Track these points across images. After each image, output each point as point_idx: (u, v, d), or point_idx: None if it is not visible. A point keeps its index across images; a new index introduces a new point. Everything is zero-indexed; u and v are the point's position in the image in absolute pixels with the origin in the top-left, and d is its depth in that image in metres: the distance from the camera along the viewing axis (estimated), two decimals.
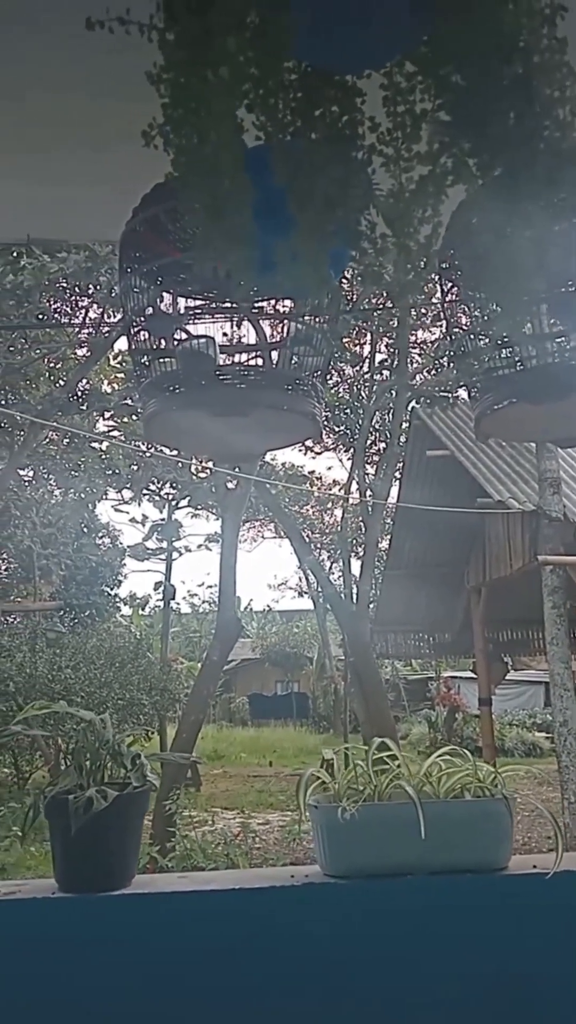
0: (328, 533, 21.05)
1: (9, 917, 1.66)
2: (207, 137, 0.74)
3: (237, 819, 9.62)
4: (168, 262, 1.67)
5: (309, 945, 1.70)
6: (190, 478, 15.20)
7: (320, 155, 0.89)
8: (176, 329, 1.73)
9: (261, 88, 0.75)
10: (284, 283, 0.90)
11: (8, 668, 9.57)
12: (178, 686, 13.14)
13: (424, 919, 1.72)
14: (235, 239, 0.78)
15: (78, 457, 14.10)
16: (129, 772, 1.77)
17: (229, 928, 1.68)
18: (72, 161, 2.17)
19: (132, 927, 1.66)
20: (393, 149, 0.91)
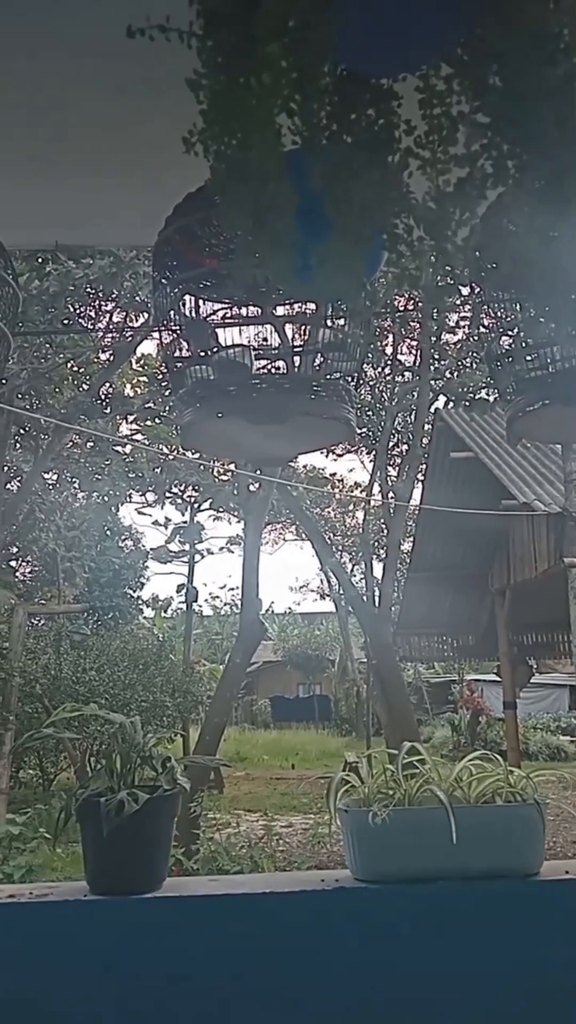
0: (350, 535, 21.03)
1: (42, 918, 1.67)
2: (249, 143, 0.74)
3: (260, 822, 9.62)
4: (202, 271, 1.68)
5: (340, 949, 1.69)
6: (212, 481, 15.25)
7: (356, 159, 0.89)
8: (211, 338, 1.74)
9: (300, 93, 0.75)
10: (322, 288, 0.90)
11: (34, 670, 9.65)
12: (201, 688, 13.18)
13: (455, 924, 1.71)
14: (276, 245, 0.78)
15: (102, 460, 14.21)
16: (159, 775, 1.78)
17: (260, 932, 1.68)
18: (99, 167, 2.19)
19: (163, 930, 1.66)
20: (430, 152, 0.91)
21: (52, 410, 11.23)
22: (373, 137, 0.89)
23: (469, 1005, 1.69)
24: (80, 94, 1.91)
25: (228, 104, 0.74)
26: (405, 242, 0.87)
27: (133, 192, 2.29)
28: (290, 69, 0.72)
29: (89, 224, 2.55)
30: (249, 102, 0.73)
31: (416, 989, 1.69)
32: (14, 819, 5.58)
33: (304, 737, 22.59)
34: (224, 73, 0.74)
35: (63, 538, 14.35)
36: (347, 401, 1.70)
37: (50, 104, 1.95)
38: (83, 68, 1.83)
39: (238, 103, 0.74)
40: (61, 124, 2.01)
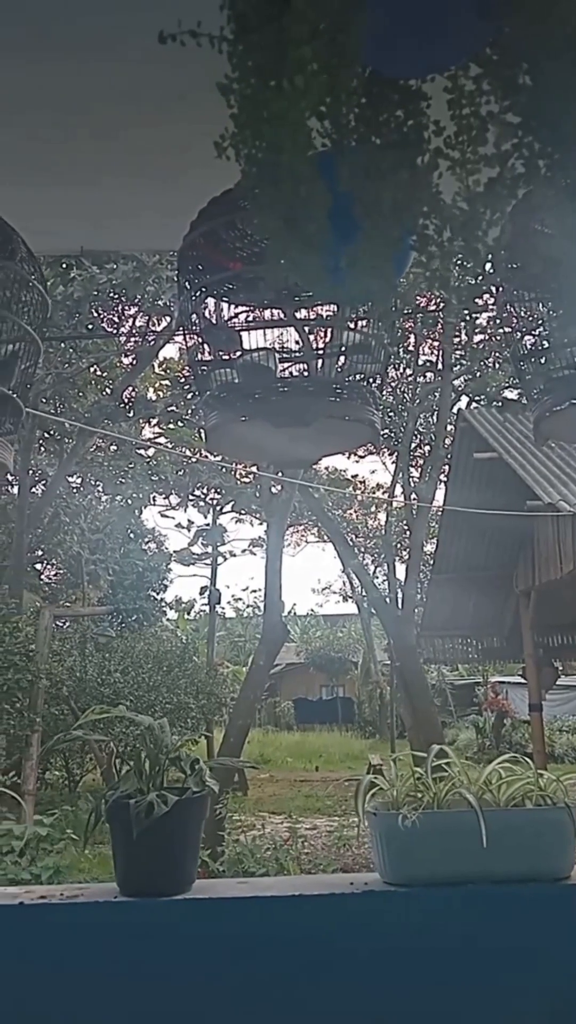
0: (372, 537, 20.98)
1: (73, 919, 1.68)
2: (281, 146, 0.74)
3: (285, 824, 9.62)
4: (226, 275, 1.69)
5: (369, 953, 1.69)
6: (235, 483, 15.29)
7: (385, 160, 0.89)
8: (235, 341, 1.75)
9: (331, 96, 0.75)
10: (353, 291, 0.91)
11: (59, 672, 9.73)
12: (224, 690, 13.20)
13: (485, 928, 1.70)
14: (309, 248, 0.78)
15: (125, 464, 14.30)
16: (187, 777, 1.78)
17: (289, 934, 1.68)
18: (125, 172, 2.20)
19: (193, 932, 1.67)
20: (459, 152, 0.91)
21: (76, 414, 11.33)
22: (402, 138, 0.89)
23: (499, 1010, 1.68)
24: (105, 101, 1.93)
25: (260, 108, 0.74)
26: (435, 243, 0.86)
27: (158, 196, 2.30)
28: (321, 72, 0.72)
29: (114, 229, 2.57)
30: (281, 105, 0.73)
31: (446, 993, 1.68)
32: (42, 820, 5.63)
33: (327, 739, 22.55)
34: (255, 77, 0.74)
35: (87, 541, 14.45)
36: (371, 403, 1.69)
37: (75, 110, 1.96)
38: (108, 75, 1.85)
39: (270, 106, 0.74)
40: (86, 130, 2.03)
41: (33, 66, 1.82)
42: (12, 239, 1.77)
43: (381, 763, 13.49)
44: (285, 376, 1.71)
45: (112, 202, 2.37)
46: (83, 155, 2.12)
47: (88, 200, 2.35)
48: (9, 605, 9.44)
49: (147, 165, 2.16)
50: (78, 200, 2.33)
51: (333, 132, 0.85)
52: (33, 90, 1.88)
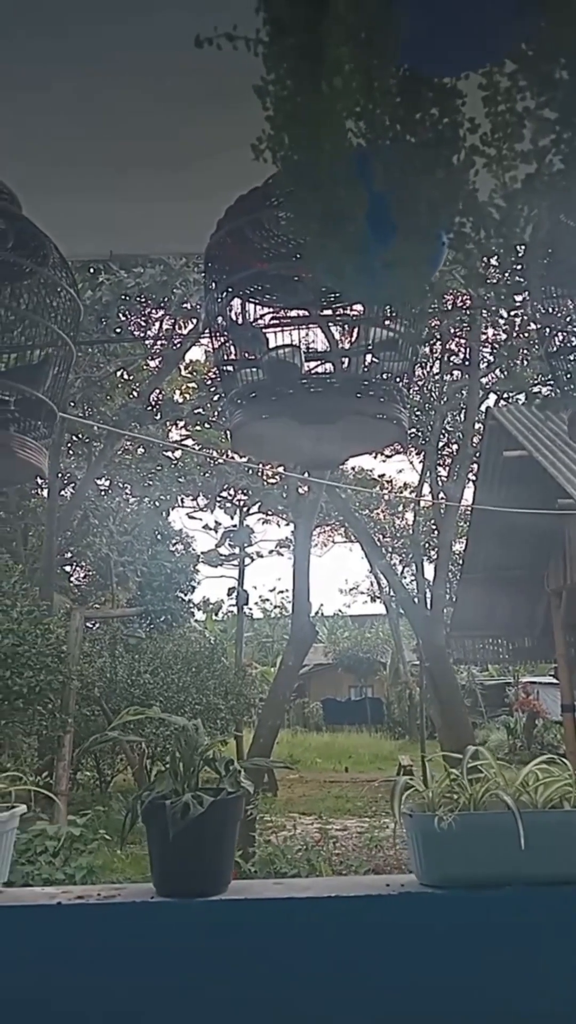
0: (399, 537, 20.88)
1: (110, 919, 1.69)
2: (320, 147, 0.74)
3: (315, 825, 9.61)
4: (252, 274, 1.69)
5: (405, 954, 1.68)
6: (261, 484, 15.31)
7: (421, 159, 0.88)
8: (261, 340, 1.75)
9: (367, 96, 0.75)
10: (389, 290, 0.90)
11: (90, 673, 9.81)
12: (253, 691, 13.22)
13: (523, 930, 1.69)
14: (348, 248, 0.78)
15: (152, 466, 14.38)
16: (222, 778, 1.79)
17: (325, 935, 1.68)
18: (152, 176, 2.22)
19: (229, 932, 1.67)
20: (495, 149, 0.90)
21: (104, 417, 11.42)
22: (438, 136, 0.88)
23: (536, 1011, 1.66)
24: (133, 107, 1.94)
25: (297, 109, 0.74)
26: (472, 240, 0.86)
27: (186, 200, 2.31)
28: (359, 72, 0.72)
29: (143, 233, 2.59)
30: (319, 106, 0.73)
31: (483, 995, 1.67)
32: (75, 820, 5.68)
33: (357, 740, 22.50)
34: (292, 79, 0.74)
35: (116, 543, 14.55)
36: (399, 401, 1.69)
37: (103, 117, 1.98)
38: (136, 82, 1.87)
39: (308, 108, 0.74)
40: (115, 136, 2.04)
41: (62, 76, 1.84)
42: (44, 245, 1.79)
43: (411, 764, 13.42)
44: (312, 373, 1.71)
45: (140, 207, 2.38)
46: (112, 161, 2.14)
47: (117, 205, 2.37)
48: (40, 607, 9.54)
49: (175, 169, 2.18)
50: (107, 205, 2.35)
51: (368, 132, 0.85)
52: (62, 99, 1.91)
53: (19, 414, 1.76)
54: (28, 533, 14.56)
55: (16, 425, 1.74)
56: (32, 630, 8.40)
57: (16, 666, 8.01)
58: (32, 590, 10.47)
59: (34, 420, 1.79)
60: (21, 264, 1.77)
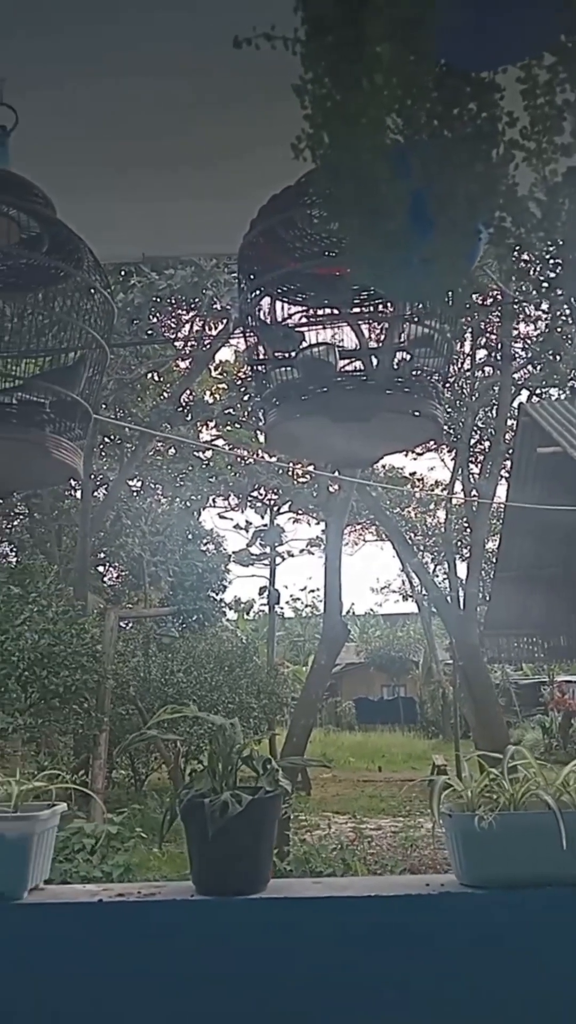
0: (431, 535, 20.75)
1: (151, 917, 1.70)
2: (361, 145, 0.74)
3: (349, 824, 9.60)
4: (286, 272, 1.69)
5: (445, 954, 1.67)
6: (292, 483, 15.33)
7: (460, 153, 0.88)
8: (294, 340, 1.75)
9: (406, 91, 0.75)
10: (428, 287, 0.90)
11: (124, 673, 9.89)
12: (285, 690, 13.23)
13: (564, 930, 1.67)
14: (390, 245, 0.77)
15: (184, 466, 14.46)
16: (260, 776, 1.79)
17: (365, 935, 1.67)
18: (184, 177, 2.23)
19: (269, 931, 1.68)
20: (535, 143, 0.89)
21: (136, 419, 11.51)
22: (476, 131, 0.88)
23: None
24: (164, 108, 1.95)
25: (337, 107, 0.74)
26: (512, 235, 0.85)
27: (217, 201, 2.32)
28: (399, 68, 0.72)
29: (175, 235, 2.60)
30: (359, 104, 0.73)
31: (524, 995, 1.65)
32: (111, 819, 5.73)
33: (390, 739, 22.43)
34: (331, 77, 0.74)
35: (148, 543, 14.66)
36: (434, 398, 1.68)
37: (135, 117, 2.00)
38: (167, 84, 1.88)
39: (348, 105, 0.74)
40: (146, 138, 2.06)
41: (93, 79, 1.86)
42: (79, 248, 1.81)
43: (445, 764, 13.33)
44: (346, 371, 1.70)
45: (173, 208, 2.40)
46: (143, 163, 2.15)
47: (149, 207, 2.38)
48: (75, 607, 9.64)
49: (207, 169, 2.19)
50: (139, 207, 2.37)
51: (406, 128, 0.84)
52: (93, 103, 1.92)
53: (54, 416, 1.78)
54: (62, 534, 14.72)
55: (51, 426, 1.76)
56: (68, 630, 8.49)
57: (52, 665, 8.11)
58: (67, 590, 10.59)
59: (69, 422, 1.80)
60: (56, 267, 1.78)
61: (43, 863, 1.77)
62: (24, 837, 1.68)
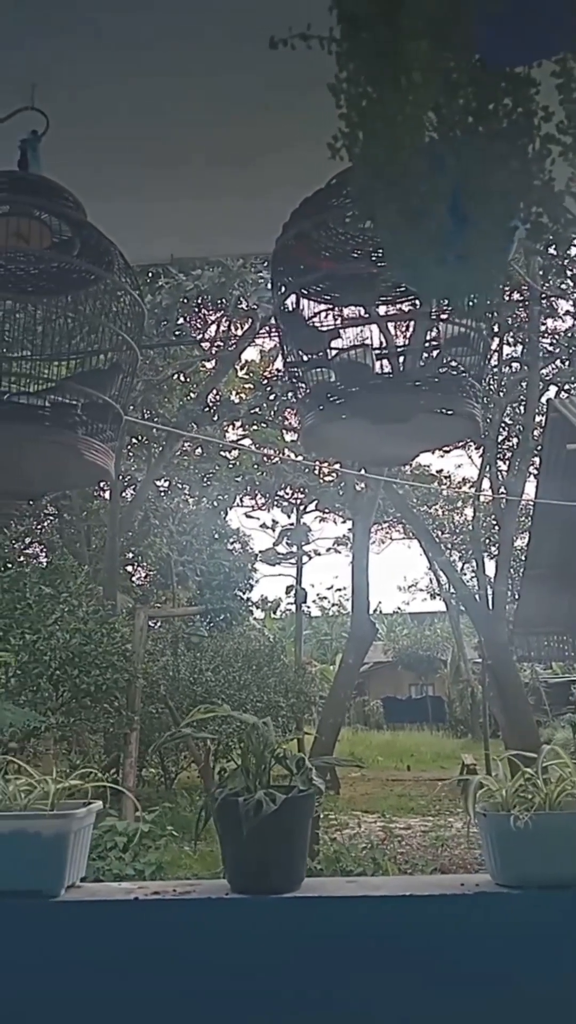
0: (459, 533, 20.63)
1: (186, 915, 1.71)
2: (399, 143, 0.74)
3: (378, 823, 9.58)
4: (320, 275, 1.69)
5: (481, 954, 1.66)
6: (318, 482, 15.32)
7: (495, 149, 0.87)
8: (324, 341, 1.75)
9: (444, 89, 0.74)
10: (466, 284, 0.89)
11: (154, 672, 9.95)
12: (313, 689, 13.23)
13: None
14: (429, 243, 0.77)
15: (210, 466, 14.52)
16: (293, 775, 1.80)
17: (399, 934, 1.67)
18: (212, 176, 2.24)
19: (304, 930, 1.68)
20: (571, 137, 0.88)
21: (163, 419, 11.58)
22: (512, 126, 0.87)
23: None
24: (193, 109, 1.96)
25: (374, 105, 0.74)
26: (549, 231, 0.84)
27: (246, 199, 2.32)
28: (437, 65, 0.71)
29: (203, 235, 2.61)
30: (397, 102, 0.72)
31: (560, 996, 1.64)
32: (143, 817, 5.77)
33: (418, 738, 22.33)
34: (368, 75, 0.73)
35: (175, 543, 14.74)
36: (472, 396, 1.67)
37: (163, 121, 2.01)
38: (195, 85, 1.88)
39: (385, 103, 0.73)
40: (175, 139, 2.07)
41: (122, 81, 1.87)
42: (109, 251, 1.82)
43: (475, 763, 13.24)
44: (383, 372, 1.70)
45: (201, 209, 2.40)
46: (172, 164, 2.16)
47: (178, 208, 2.39)
48: (105, 607, 9.72)
49: (235, 168, 2.19)
50: (168, 208, 2.38)
51: (442, 124, 0.84)
52: (122, 104, 1.94)
53: (86, 418, 1.79)
54: (91, 535, 14.85)
55: (84, 428, 1.77)
56: (98, 629, 8.56)
57: (83, 665, 8.18)
58: (96, 590, 10.68)
59: (101, 424, 1.82)
60: (88, 270, 1.80)
61: (80, 861, 1.79)
62: (61, 835, 1.70)
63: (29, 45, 1.74)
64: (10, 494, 2.20)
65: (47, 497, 10.68)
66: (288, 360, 1.82)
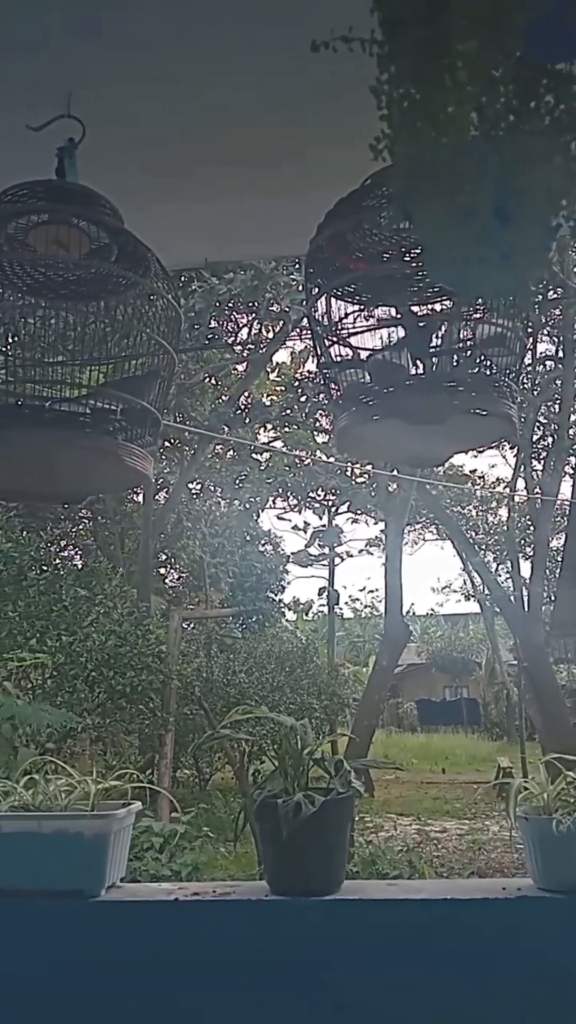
0: (493, 533, 20.43)
1: (226, 916, 1.72)
2: (445, 143, 0.73)
3: (413, 826, 9.52)
4: (355, 275, 1.69)
5: (523, 958, 1.65)
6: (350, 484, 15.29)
7: (537, 147, 0.86)
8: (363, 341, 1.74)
9: (488, 88, 0.74)
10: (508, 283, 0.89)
11: (188, 673, 10.01)
12: (346, 691, 13.18)
13: None
14: (472, 241, 0.77)
15: (242, 468, 14.57)
16: (332, 778, 1.79)
17: (441, 938, 1.66)
18: (248, 182, 2.25)
19: (344, 932, 1.67)
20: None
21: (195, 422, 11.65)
22: (554, 123, 0.86)
23: None
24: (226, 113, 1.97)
25: (417, 106, 0.73)
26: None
27: (279, 204, 2.33)
28: (483, 64, 0.71)
29: (237, 239, 2.62)
30: (440, 101, 0.72)
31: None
32: (179, 818, 5.81)
33: (453, 741, 22.16)
34: (412, 76, 0.73)
35: (208, 545, 14.79)
36: (508, 397, 1.65)
37: (199, 124, 2.02)
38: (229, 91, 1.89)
39: (430, 103, 0.73)
40: (211, 143, 2.08)
41: (156, 86, 1.89)
42: (147, 257, 1.83)
43: (511, 766, 13.10)
44: (418, 373, 1.69)
45: (236, 213, 2.42)
46: (206, 168, 2.18)
47: (212, 213, 2.41)
48: (140, 609, 9.80)
49: (269, 173, 2.20)
50: (203, 213, 2.40)
51: (484, 123, 0.83)
52: (156, 109, 1.95)
53: (126, 423, 1.81)
54: (124, 537, 14.97)
55: (124, 434, 1.79)
56: (133, 631, 8.63)
57: (119, 666, 8.25)
58: (130, 592, 10.76)
59: (140, 429, 1.83)
60: (125, 276, 1.81)
61: (120, 861, 1.80)
62: (102, 836, 1.72)
63: (63, 52, 1.77)
64: (52, 498, 2.23)
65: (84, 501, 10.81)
66: (321, 360, 1.83)
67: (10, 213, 1.73)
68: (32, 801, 1.78)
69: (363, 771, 1.92)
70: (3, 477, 1.82)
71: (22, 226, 1.76)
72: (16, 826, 1.72)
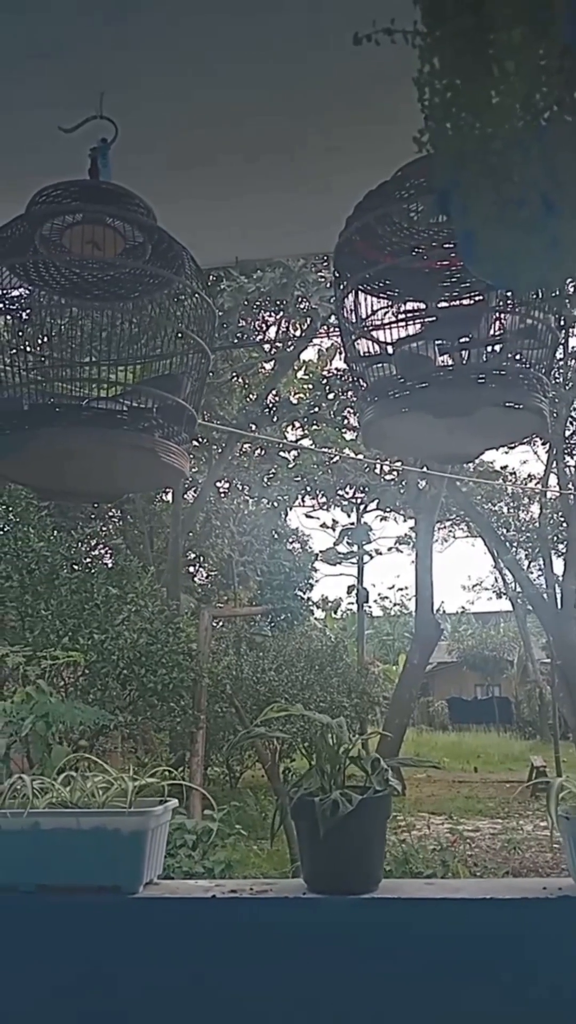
0: (525, 530, 20.24)
1: (264, 914, 1.71)
2: (492, 134, 0.72)
3: (445, 825, 9.46)
4: (384, 268, 1.68)
5: (562, 959, 1.62)
6: (379, 481, 15.24)
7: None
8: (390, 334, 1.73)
9: (533, 77, 0.73)
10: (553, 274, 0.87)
11: (218, 671, 10.04)
12: (376, 689, 13.14)
13: None
14: (522, 234, 0.75)
15: (270, 467, 14.58)
16: (369, 776, 1.78)
17: (480, 938, 1.64)
18: (279, 179, 2.24)
19: (382, 931, 1.66)
20: None
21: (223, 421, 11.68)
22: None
23: None
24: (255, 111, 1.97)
25: (462, 97, 0.72)
26: None
27: (310, 201, 2.32)
28: (529, 53, 0.70)
29: (268, 237, 2.62)
30: (488, 92, 0.71)
31: None
32: (211, 815, 5.83)
33: (485, 740, 22.00)
34: (457, 66, 0.72)
35: (236, 543, 14.84)
36: (539, 390, 1.63)
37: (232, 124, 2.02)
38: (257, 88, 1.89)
39: (475, 94, 0.72)
40: (244, 142, 2.08)
41: (188, 84, 1.89)
42: (180, 255, 1.83)
43: (544, 765, 12.97)
44: (446, 365, 1.67)
45: (265, 210, 2.41)
46: (238, 166, 2.18)
47: (243, 210, 2.41)
48: (170, 607, 9.85)
49: (300, 171, 2.19)
50: (234, 211, 2.40)
51: (525, 113, 0.82)
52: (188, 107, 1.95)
53: (162, 420, 1.82)
54: (154, 536, 15.07)
55: (160, 431, 1.79)
56: (164, 629, 8.68)
57: (150, 664, 8.30)
58: (160, 591, 10.82)
59: (176, 426, 1.84)
60: (159, 275, 1.82)
61: (157, 858, 1.81)
62: (140, 833, 1.72)
63: (95, 53, 1.77)
64: (92, 496, 2.24)
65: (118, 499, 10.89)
66: (349, 356, 1.81)
67: (45, 214, 1.74)
68: (70, 798, 1.79)
69: (396, 769, 1.91)
70: (42, 476, 1.84)
71: (57, 227, 1.77)
72: (55, 823, 1.73)
